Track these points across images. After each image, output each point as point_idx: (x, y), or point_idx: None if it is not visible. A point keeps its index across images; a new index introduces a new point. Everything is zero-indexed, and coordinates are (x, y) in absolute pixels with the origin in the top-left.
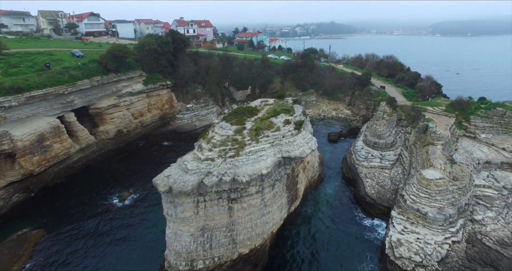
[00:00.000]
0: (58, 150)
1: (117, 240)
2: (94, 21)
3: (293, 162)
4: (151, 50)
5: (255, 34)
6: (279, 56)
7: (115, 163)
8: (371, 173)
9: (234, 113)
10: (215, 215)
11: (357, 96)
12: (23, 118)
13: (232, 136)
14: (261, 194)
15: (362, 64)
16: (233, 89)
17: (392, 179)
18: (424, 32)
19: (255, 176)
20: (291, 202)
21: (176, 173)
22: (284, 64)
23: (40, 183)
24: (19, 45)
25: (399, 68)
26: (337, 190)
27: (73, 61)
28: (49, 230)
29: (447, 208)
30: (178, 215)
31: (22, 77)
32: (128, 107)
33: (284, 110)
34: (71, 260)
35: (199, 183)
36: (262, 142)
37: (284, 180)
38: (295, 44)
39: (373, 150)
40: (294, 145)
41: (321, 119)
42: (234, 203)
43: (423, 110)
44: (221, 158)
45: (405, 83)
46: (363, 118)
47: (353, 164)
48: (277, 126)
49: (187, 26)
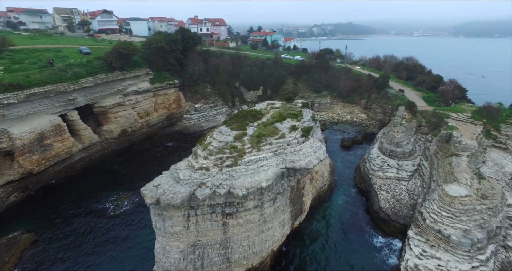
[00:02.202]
0: (59, 149)
1: (110, 249)
2: (107, 19)
3: (298, 174)
4: (159, 48)
5: (269, 34)
6: (293, 56)
7: (117, 164)
8: (386, 185)
9: (236, 117)
10: (207, 230)
11: (373, 100)
12: (23, 116)
13: (231, 142)
14: (260, 209)
15: (380, 66)
16: (243, 90)
17: (409, 192)
18: (446, 34)
19: (253, 189)
20: (295, 217)
21: (166, 182)
22: (298, 64)
23: (39, 182)
24: (30, 42)
25: (420, 71)
26: (348, 202)
27: (79, 58)
28: (40, 234)
29: (475, 231)
30: (167, 229)
31: (23, 74)
32: (134, 107)
33: (291, 115)
34: (60, 269)
35: (191, 195)
36: (264, 150)
37: (287, 193)
38: (311, 44)
39: (389, 159)
40: (300, 154)
41: (335, 123)
42: (229, 218)
43: (446, 116)
44: (217, 167)
45: (426, 87)
46: (379, 123)
47: (367, 173)
48: (282, 133)
49: (200, 24)
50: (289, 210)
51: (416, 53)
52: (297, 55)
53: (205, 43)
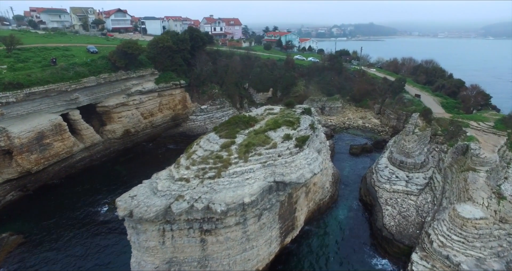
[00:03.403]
0: (58, 149)
1: (96, 257)
2: (121, 18)
3: (288, 188)
4: (165, 48)
5: (284, 34)
6: (306, 58)
7: (119, 165)
8: (393, 199)
9: (227, 123)
10: (184, 247)
11: (387, 105)
12: (24, 115)
13: (216, 151)
14: (242, 225)
15: (397, 69)
16: (253, 91)
17: (418, 209)
18: (474, 35)
19: (234, 204)
20: (285, 233)
21: (143, 193)
22: (310, 66)
23: (38, 182)
24: (43, 41)
25: (439, 75)
26: (350, 217)
27: (84, 57)
28: (29, 237)
29: (490, 260)
30: (141, 244)
31: (25, 72)
32: (138, 107)
33: (287, 123)
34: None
35: (166, 208)
36: (252, 161)
37: (276, 209)
38: (328, 45)
39: (399, 170)
40: (291, 166)
41: (346, 128)
42: (207, 235)
43: (465, 125)
44: (198, 179)
45: (445, 92)
46: (392, 130)
47: (373, 185)
48: (274, 143)
49: (214, 24)
50: (277, 227)
51: (438, 56)
52: (311, 56)
53: (217, 43)
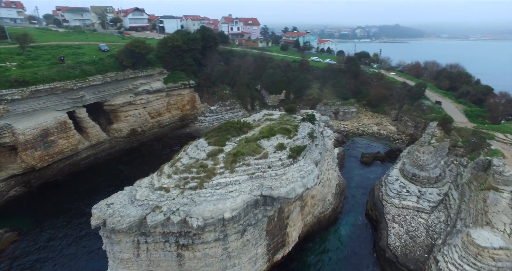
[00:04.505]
0: (63, 146)
1: (86, 258)
2: (138, 16)
3: (277, 203)
4: (175, 47)
5: (302, 34)
6: (323, 59)
7: (122, 164)
8: (401, 216)
9: (218, 129)
10: (160, 261)
11: (405, 111)
12: (30, 112)
13: (202, 160)
14: (222, 242)
15: (419, 73)
16: (265, 93)
17: (428, 229)
18: (511, 37)
19: (213, 220)
20: (273, 251)
21: (121, 201)
22: (325, 68)
23: (41, 178)
24: (60, 38)
25: (465, 80)
26: (353, 233)
27: (94, 55)
28: (24, 235)
29: None
30: (116, 255)
31: (33, 70)
32: (145, 106)
33: (283, 130)
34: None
35: (141, 219)
36: (238, 172)
37: (263, 224)
38: (349, 47)
39: (410, 184)
40: (282, 179)
41: (359, 134)
42: (184, 249)
43: (490, 137)
44: (178, 189)
45: (470, 99)
46: (409, 138)
47: (380, 199)
48: (265, 152)
49: (231, 23)
50: (264, 244)
51: (466, 60)
52: (328, 58)
53: (233, 42)
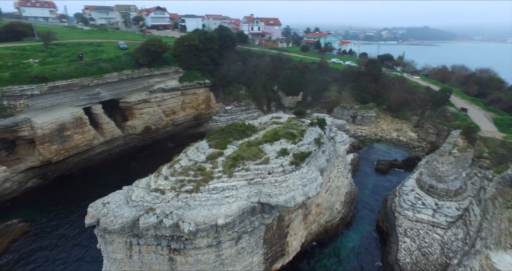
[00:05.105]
0: (78, 141)
1: (92, 254)
2: (160, 15)
3: (275, 211)
4: (191, 46)
5: (323, 35)
6: (344, 61)
7: (134, 161)
8: (414, 230)
9: (221, 131)
10: (152, 263)
11: (427, 117)
12: (48, 107)
13: (201, 162)
14: (215, 248)
15: (445, 78)
16: (282, 94)
17: (444, 246)
18: None
19: (205, 225)
20: (271, 260)
21: (117, 201)
22: (345, 70)
23: (57, 171)
24: (84, 36)
25: (496, 86)
26: (362, 245)
27: (112, 53)
28: (35, 226)
29: None
30: (109, 254)
31: (51, 67)
32: (160, 104)
33: (288, 135)
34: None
35: (134, 221)
36: (237, 177)
37: (260, 232)
38: (374, 49)
39: (427, 196)
40: (282, 186)
41: (377, 140)
42: (176, 254)
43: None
44: (174, 191)
45: (502, 107)
46: (430, 146)
47: (393, 210)
48: (266, 158)
49: (251, 23)
50: (261, 252)
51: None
52: (349, 60)
53: (253, 42)
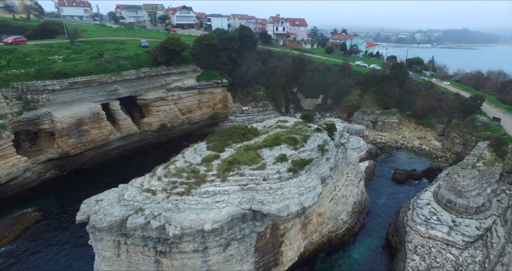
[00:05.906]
0: (95, 135)
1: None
2: (185, 14)
3: (267, 219)
4: (210, 45)
5: (349, 37)
6: (369, 64)
7: (149, 158)
8: (425, 247)
9: (221, 133)
10: (140, 264)
11: (454, 126)
12: (68, 102)
13: (195, 165)
14: (202, 254)
15: (479, 84)
16: (301, 96)
17: (458, 268)
18: None
19: (191, 230)
20: (263, 269)
21: (110, 198)
22: (368, 74)
23: (74, 164)
24: (110, 34)
25: None
26: (367, 259)
27: (133, 51)
28: (48, 216)
29: None
30: (99, 252)
31: (73, 63)
32: (176, 102)
33: (290, 140)
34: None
35: (123, 220)
36: (230, 182)
37: (251, 240)
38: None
39: (444, 211)
40: (276, 194)
41: (397, 148)
42: (162, 256)
43: None
44: (165, 193)
45: None
46: (455, 157)
47: (404, 224)
48: (263, 163)
49: (276, 23)
50: (251, 261)
51: None
52: (375, 63)
53: (276, 43)
